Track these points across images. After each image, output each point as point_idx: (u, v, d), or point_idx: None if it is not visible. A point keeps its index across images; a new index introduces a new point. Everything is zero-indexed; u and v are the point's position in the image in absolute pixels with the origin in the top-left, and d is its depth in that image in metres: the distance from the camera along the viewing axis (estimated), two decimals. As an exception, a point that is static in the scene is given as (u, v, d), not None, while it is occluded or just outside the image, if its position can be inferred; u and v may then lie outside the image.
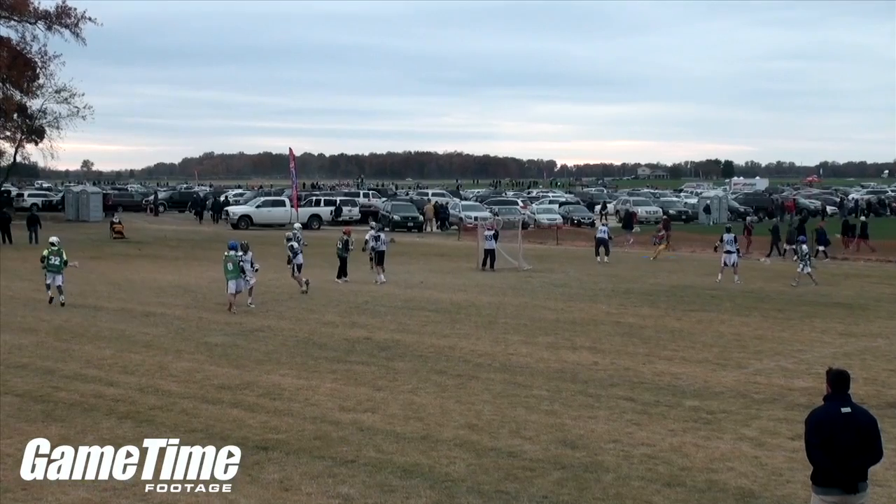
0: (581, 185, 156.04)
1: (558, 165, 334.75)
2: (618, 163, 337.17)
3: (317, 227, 56.98)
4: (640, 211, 64.35)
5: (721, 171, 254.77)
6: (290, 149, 57.39)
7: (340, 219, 59.90)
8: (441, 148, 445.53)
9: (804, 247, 30.39)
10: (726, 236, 30.95)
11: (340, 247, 30.10)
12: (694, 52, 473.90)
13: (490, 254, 33.99)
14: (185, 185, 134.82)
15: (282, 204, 59.97)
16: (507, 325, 21.33)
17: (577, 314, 23.04)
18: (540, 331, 20.46)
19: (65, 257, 24.35)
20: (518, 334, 19.98)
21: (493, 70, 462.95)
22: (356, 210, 63.08)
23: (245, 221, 58.22)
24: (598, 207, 68.74)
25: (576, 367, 16.53)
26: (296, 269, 27.31)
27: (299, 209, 58.17)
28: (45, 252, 24.35)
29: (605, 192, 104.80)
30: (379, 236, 30.70)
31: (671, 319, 22.27)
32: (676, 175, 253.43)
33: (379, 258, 30.13)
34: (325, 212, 60.99)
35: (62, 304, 23.55)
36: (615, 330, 20.64)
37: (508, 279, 31.21)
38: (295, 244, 27.62)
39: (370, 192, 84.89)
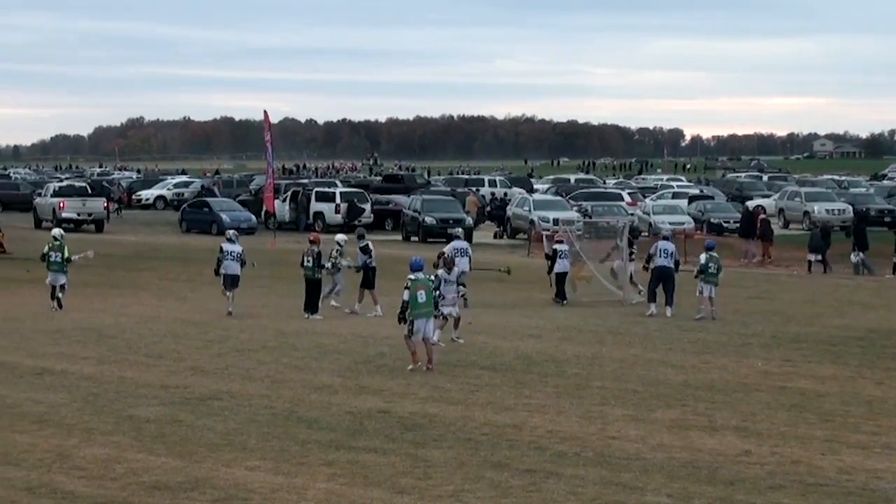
0: (724, 169, 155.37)
1: (687, 137, 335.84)
2: (781, 132, 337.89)
3: None
4: (817, 209, 64.07)
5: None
6: (266, 112, 57.71)
7: (357, 222, 60.23)
8: (500, 110, 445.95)
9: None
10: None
11: (309, 263, 30.43)
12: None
13: (561, 279, 34.55)
14: (98, 170, 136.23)
15: None
16: (605, 391, 21.34)
17: (718, 374, 22.99)
18: (658, 401, 20.44)
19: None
20: (623, 407, 19.97)
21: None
22: (367, 208, 63.62)
23: None
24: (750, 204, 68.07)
25: (715, 458, 16.48)
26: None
27: None
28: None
29: (764, 178, 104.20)
30: (367, 246, 31.59)
31: (867, 383, 22.17)
32: (876, 152, 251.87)
33: (369, 280, 31.19)
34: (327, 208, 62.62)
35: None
36: (777, 400, 20.56)
37: (608, 318, 31.19)
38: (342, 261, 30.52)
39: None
